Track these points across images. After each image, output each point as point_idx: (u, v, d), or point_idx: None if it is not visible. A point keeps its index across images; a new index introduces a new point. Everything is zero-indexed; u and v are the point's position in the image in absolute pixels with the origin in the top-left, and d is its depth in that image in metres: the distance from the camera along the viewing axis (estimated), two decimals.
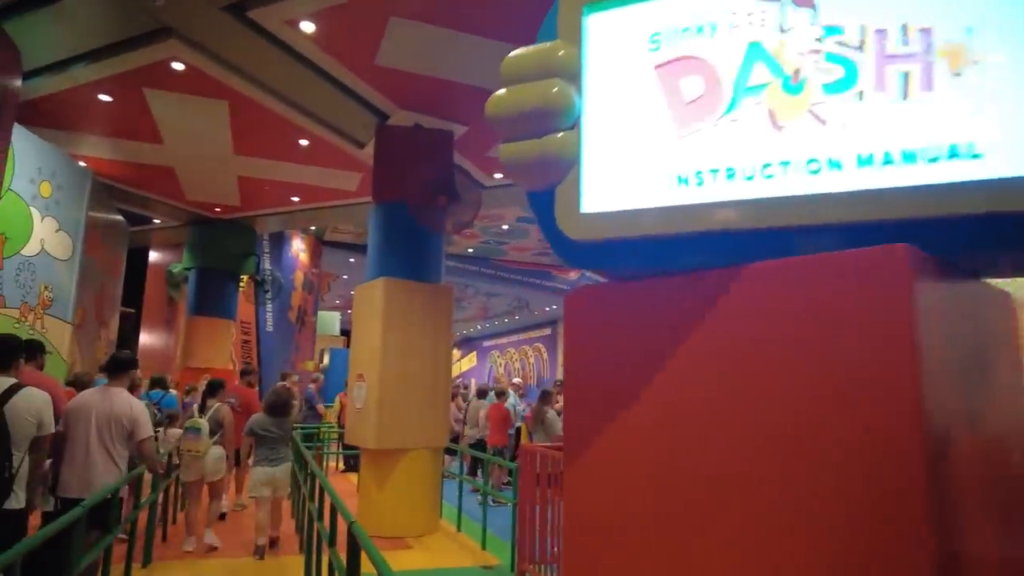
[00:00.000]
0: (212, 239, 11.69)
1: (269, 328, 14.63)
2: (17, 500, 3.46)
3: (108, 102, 7.15)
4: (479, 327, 31.60)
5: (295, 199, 10.48)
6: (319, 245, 17.06)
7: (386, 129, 7.27)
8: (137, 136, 8.15)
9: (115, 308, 10.63)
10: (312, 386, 11.47)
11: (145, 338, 15.65)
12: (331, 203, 10.56)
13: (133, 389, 6.45)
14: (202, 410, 6.33)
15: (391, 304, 6.72)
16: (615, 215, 1.57)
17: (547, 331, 25.85)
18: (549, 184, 1.63)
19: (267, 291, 12.11)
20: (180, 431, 7.52)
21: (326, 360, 19.86)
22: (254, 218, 11.64)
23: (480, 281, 19.18)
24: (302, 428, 10.03)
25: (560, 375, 24.29)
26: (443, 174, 6.60)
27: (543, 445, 6.11)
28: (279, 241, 14.86)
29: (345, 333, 27.50)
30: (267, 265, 13.51)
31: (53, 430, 3.65)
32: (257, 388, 9.19)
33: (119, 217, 10.75)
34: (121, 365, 4.37)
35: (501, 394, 9.02)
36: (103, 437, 4.00)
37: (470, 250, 17.85)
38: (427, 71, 6.23)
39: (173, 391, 10.13)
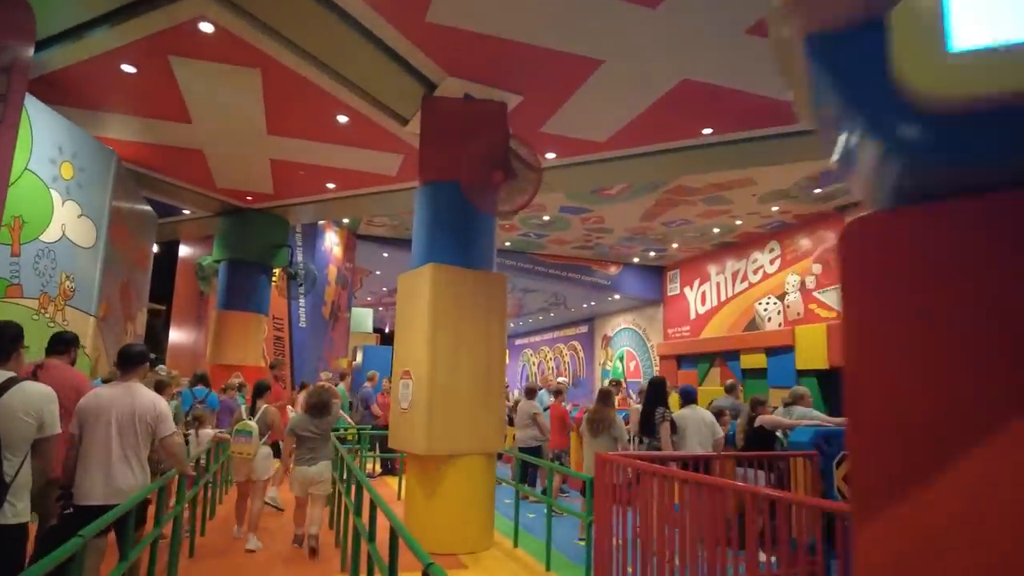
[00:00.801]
0: (243, 230, 11.14)
1: (302, 324, 14.09)
2: (14, 513, 2.85)
3: (131, 74, 6.56)
4: (512, 325, 30.87)
5: (331, 186, 9.85)
6: (353, 239, 16.49)
7: (433, 101, 6.56)
8: (163, 114, 7.57)
9: (142, 302, 10.12)
10: (367, 384, 10.84)
11: (175, 335, 15.23)
12: (369, 190, 9.91)
13: (163, 390, 6.13)
14: (252, 412, 6.41)
15: (440, 292, 6.02)
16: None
17: (583, 329, 25.00)
18: (870, 7, 0.88)
19: (300, 284, 11.52)
20: (212, 432, 7.10)
21: (359, 358, 19.35)
22: (287, 207, 11.06)
23: (516, 276, 18.44)
24: (358, 429, 9.44)
25: (599, 374, 23.56)
26: (499, 147, 5.87)
27: (621, 454, 5.34)
28: (312, 234, 14.31)
29: (378, 331, 27.00)
30: (300, 257, 12.94)
31: (59, 430, 3.18)
32: (288, 380, 8.77)
33: (147, 207, 10.24)
34: (133, 359, 3.95)
35: (558, 393, 8.26)
36: (126, 438, 3.69)
37: (507, 244, 17.13)
38: (484, 29, 5.49)
39: (227, 396, 9.64)
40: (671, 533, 4.11)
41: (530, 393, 8.57)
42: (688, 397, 6.45)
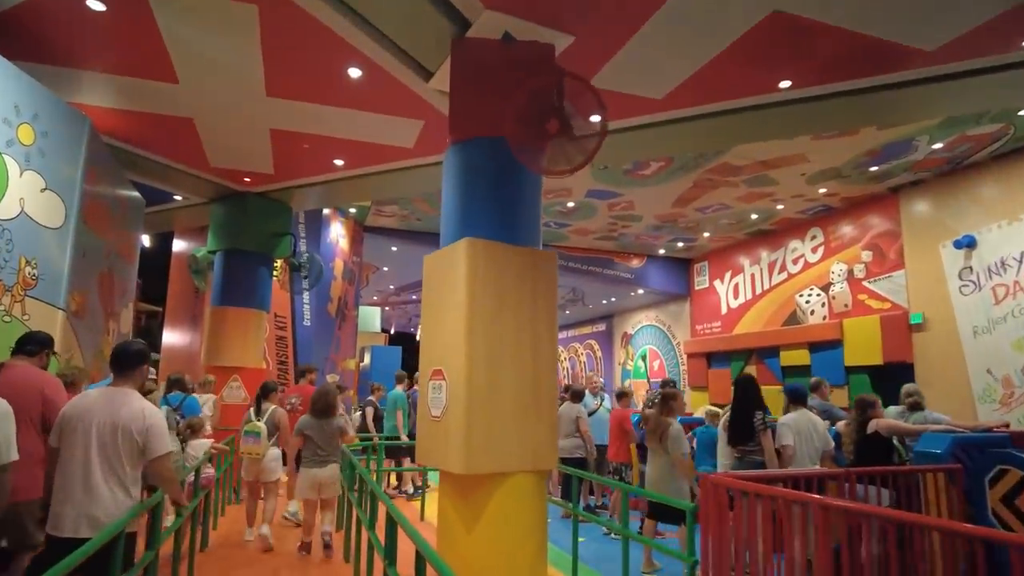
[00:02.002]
0: (241, 216, 10.00)
1: (307, 322, 12.96)
2: None
3: (101, 13, 5.43)
4: None
5: (339, 163, 8.71)
6: (360, 230, 15.36)
7: (466, 44, 5.41)
8: (145, 71, 6.44)
9: (128, 297, 8.99)
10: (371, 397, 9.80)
11: (169, 336, 14.11)
12: (382, 167, 8.76)
13: (146, 396, 5.27)
14: (258, 413, 6.50)
15: (478, 273, 4.86)
16: None
17: (601, 327, 23.83)
18: None
19: (305, 276, 10.38)
20: (207, 442, 6.53)
21: (367, 359, 18.22)
22: (289, 191, 9.91)
23: None
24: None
25: (619, 374, 22.30)
26: (552, 90, 4.72)
27: (728, 474, 4.18)
28: (316, 224, 13.18)
29: (384, 332, 25.86)
30: (304, 247, 11.79)
31: (13, 457, 3.09)
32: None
33: (133, 192, 9.11)
34: (130, 359, 3.35)
35: (622, 396, 7.09)
36: (108, 455, 3.12)
37: None
38: None
39: (202, 394, 8.52)
40: None
41: (575, 396, 7.41)
42: (797, 396, 5.28)
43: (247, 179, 9.49)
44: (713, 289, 17.62)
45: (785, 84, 6.36)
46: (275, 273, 10.61)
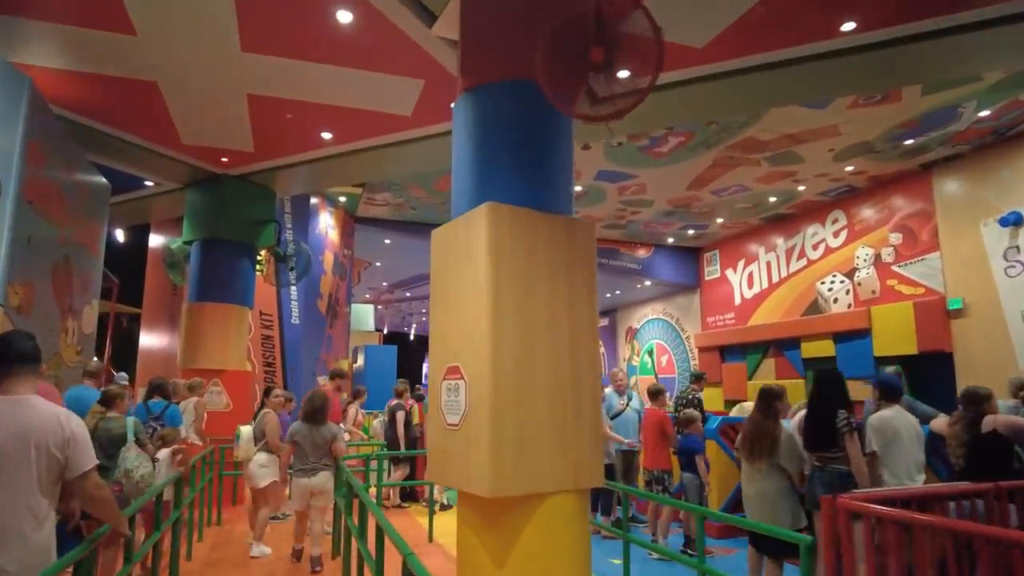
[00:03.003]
0: (219, 202, 9.00)
1: (295, 320, 11.96)
2: None
3: None
4: None
5: (326, 136, 7.72)
6: (351, 221, 14.36)
7: None
8: (94, 19, 5.43)
9: (92, 293, 7.98)
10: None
11: (147, 339, 13.07)
12: (376, 141, 7.79)
13: (112, 403, 4.87)
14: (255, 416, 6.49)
15: (504, 246, 3.91)
16: None
17: (604, 321, 22.92)
18: None
19: (292, 268, 9.39)
20: (165, 451, 5.47)
21: (360, 360, 17.24)
22: (272, 173, 8.91)
23: None
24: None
25: (618, 369, 21.31)
26: (592, 11, 3.77)
27: (858, 496, 3.22)
28: (304, 214, 12.18)
29: (379, 330, 24.85)
30: (290, 235, 10.79)
31: None
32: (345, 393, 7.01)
33: (96, 176, 8.10)
34: (25, 355, 2.58)
35: (657, 394, 6.16)
36: (13, 480, 2.38)
37: None
38: None
39: (188, 398, 7.57)
40: None
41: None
42: (891, 390, 4.36)
43: (224, 159, 8.49)
44: (725, 279, 16.74)
45: (848, 27, 5.44)
46: (259, 267, 9.63)
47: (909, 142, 10.27)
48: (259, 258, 9.62)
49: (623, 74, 3.70)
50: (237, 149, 8.17)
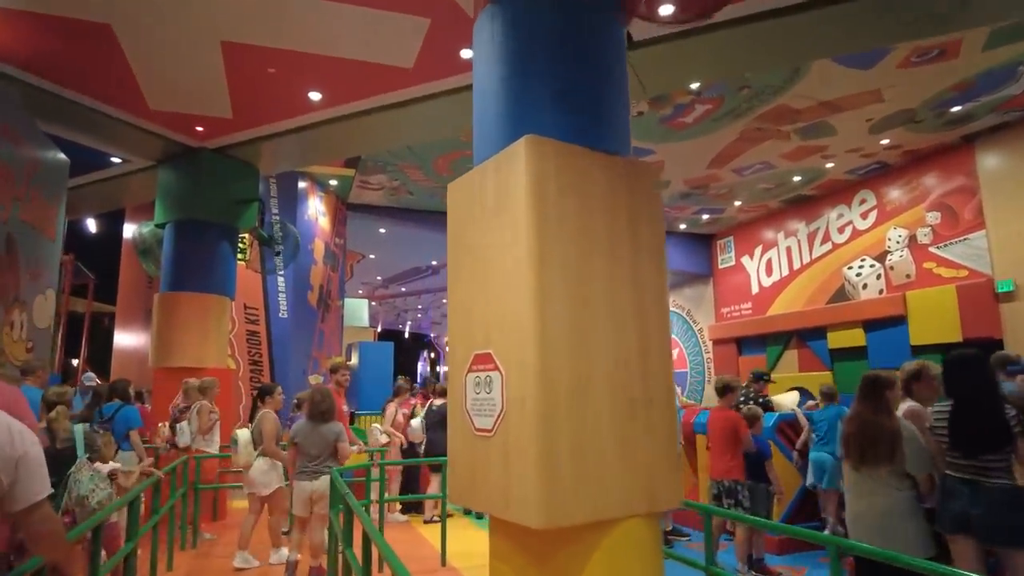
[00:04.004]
0: (196, 178, 7.98)
1: (283, 314, 10.95)
2: None
3: None
4: None
5: (315, 97, 6.72)
6: (342, 208, 13.35)
7: None
8: None
9: (46, 282, 6.95)
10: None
11: (122, 338, 12.02)
12: (372, 102, 6.80)
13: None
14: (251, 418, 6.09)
15: (550, 192, 2.93)
16: None
17: None
18: None
19: (278, 252, 8.39)
20: (105, 468, 4.28)
21: (354, 358, 16.23)
22: (255, 145, 7.90)
23: None
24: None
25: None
26: None
27: None
28: (291, 199, 11.17)
29: (373, 327, 23.81)
30: (275, 215, 9.78)
31: None
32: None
33: (52, 151, 7.06)
34: None
35: (728, 391, 5.16)
36: None
37: None
38: None
39: (197, 401, 6.62)
40: None
41: None
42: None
43: (200, 128, 7.47)
44: (741, 267, 15.83)
45: None
46: (241, 255, 8.61)
47: (956, 109, 9.38)
48: (241, 245, 8.61)
49: None
50: (213, 116, 7.16)
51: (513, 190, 3.02)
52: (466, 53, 5.80)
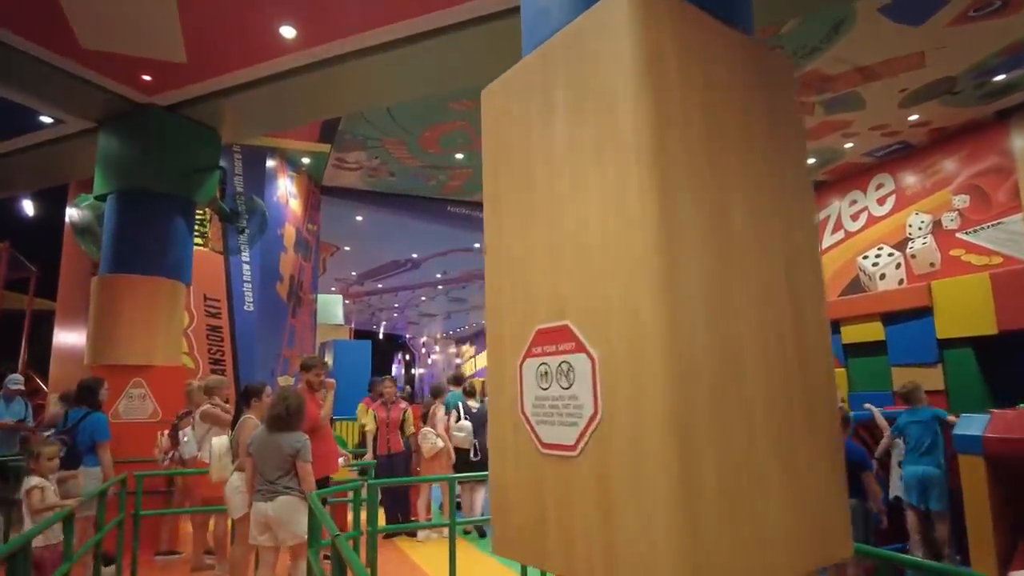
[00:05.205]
0: (143, 140, 6.72)
1: (249, 307, 9.67)
2: None
3: None
4: None
5: (288, 33, 5.53)
6: (316, 191, 12.09)
7: None
8: None
9: None
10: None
11: (63, 335, 10.59)
12: (357, 41, 5.63)
13: None
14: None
15: (671, 73, 1.86)
16: None
17: None
18: None
19: (242, 229, 7.16)
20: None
21: (328, 358, 14.93)
22: (215, 103, 6.65)
23: None
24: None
25: None
26: None
27: None
28: (259, 178, 9.90)
29: (349, 322, 22.44)
30: (240, 187, 8.52)
31: None
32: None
33: None
34: None
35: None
36: None
37: None
38: None
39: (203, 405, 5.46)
40: None
41: None
42: None
43: (147, 76, 6.21)
44: None
45: None
46: (199, 237, 7.35)
47: (999, 78, 8.56)
48: (202, 221, 7.35)
49: None
50: (163, 59, 5.91)
51: (609, 73, 1.92)
52: None
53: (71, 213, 7.42)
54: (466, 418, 6.78)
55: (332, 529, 2.65)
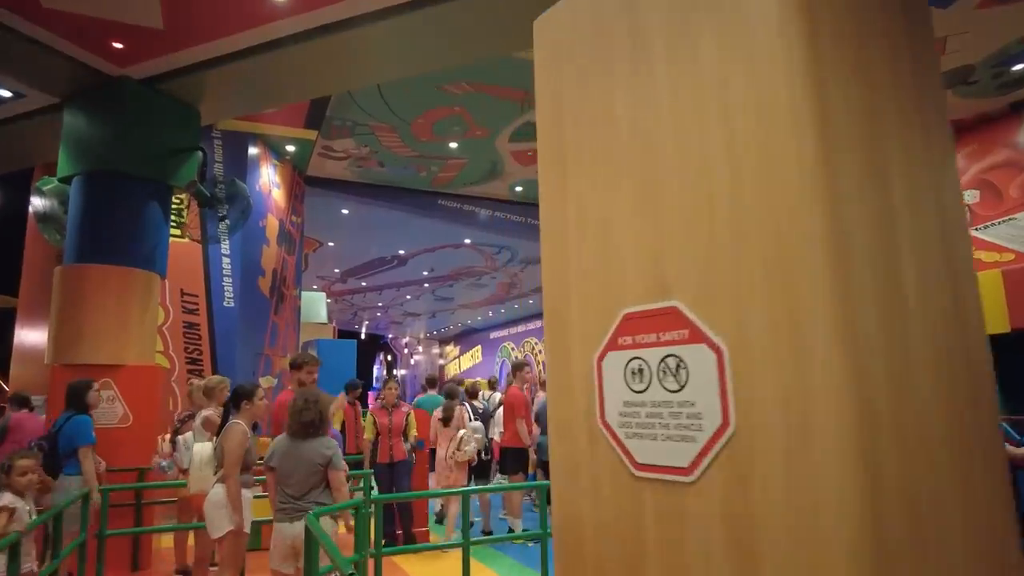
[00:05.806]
0: (114, 117, 6.10)
1: (229, 303, 9.04)
2: None
3: None
4: (490, 314, 26.19)
5: None
6: (300, 181, 11.48)
7: None
8: None
9: None
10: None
11: (25, 334, 9.84)
12: (355, 7, 5.09)
13: None
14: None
15: (824, 24, 1.41)
16: None
17: None
18: None
19: (223, 216, 6.58)
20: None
21: None
22: (195, 78, 6.06)
23: (525, 237, 13.84)
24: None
25: None
26: None
27: None
28: (240, 163, 9.29)
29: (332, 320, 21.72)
30: (219, 170, 7.91)
31: None
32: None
33: None
34: None
35: None
36: None
37: (518, 188, 12.52)
38: None
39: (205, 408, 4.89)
40: None
41: None
42: None
43: (119, 44, 5.59)
44: None
45: None
46: (175, 226, 6.74)
47: (1018, 67, 8.26)
48: (179, 219, 6.74)
49: None
50: (137, 24, 5.31)
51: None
52: None
53: (34, 200, 6.75)
54: (475, 419, 6.35)
55: (344, 568, 2.13)
